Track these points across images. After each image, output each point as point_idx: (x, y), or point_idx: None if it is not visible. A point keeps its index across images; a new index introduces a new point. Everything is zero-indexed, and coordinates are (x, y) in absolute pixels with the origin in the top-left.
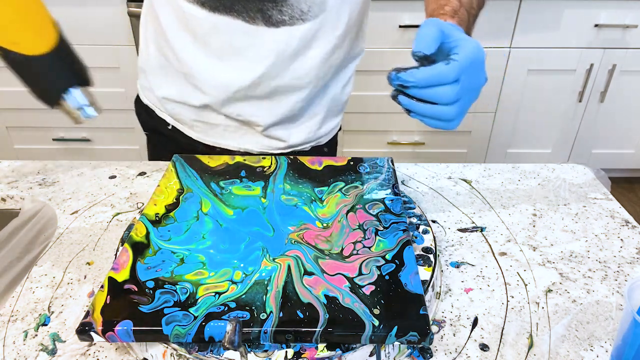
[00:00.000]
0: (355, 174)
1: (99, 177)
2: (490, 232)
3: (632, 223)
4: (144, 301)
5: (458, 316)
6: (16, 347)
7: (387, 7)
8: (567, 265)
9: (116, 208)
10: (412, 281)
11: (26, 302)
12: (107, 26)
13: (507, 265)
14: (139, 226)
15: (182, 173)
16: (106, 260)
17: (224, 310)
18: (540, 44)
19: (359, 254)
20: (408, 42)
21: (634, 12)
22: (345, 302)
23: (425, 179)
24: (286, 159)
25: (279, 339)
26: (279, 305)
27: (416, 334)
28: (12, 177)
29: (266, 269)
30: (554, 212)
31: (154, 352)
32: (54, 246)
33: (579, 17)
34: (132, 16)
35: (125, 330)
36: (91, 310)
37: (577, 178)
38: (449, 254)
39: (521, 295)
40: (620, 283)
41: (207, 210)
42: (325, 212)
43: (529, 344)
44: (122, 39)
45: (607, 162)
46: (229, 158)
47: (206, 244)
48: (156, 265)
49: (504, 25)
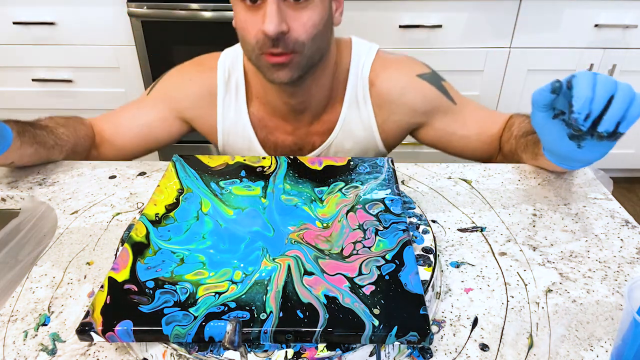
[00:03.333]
0: (355, 174)
1: (99, 177)
2: (490, 232)
3: (632, 223)
4: (144, 301)
5: (458, 316)
6: (16, 347)
7: (387, 7)
8: (567, 265)
9: (116, 208)
10: (412, 281)
11: (26, 302)
12: (107, 26)
13: (507, 265)
14: (139, 226)
15: (182, 173)
16: (106, 260)
17: (224, 310)
18: (540, 44)
19: (359, 254)
20: (408, 42)
21: (634, 12)
22: (345, 302)
23: (425, 179)
24: (286, 159)
25: (279, 339)
26: (279, 305)
27: (416, 334)
28: (12, 177)
29: (266, 269)
30: (553, 212)
31: (154, 352)
32: (54, 246)
33: (579, 17)
34: (132, 16)
35: (125, 330)
36: (91, 310)
37: (577, 178)
38: (449, 254)
39: (521, 295)
40: (620, 283)
41: (207, 210)
42: (325, 212)
43: (529, 344)
44: (122, 39)
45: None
46: (228, 158)
47: (206, 244)
48: (156, 265)
49: (504, 25)
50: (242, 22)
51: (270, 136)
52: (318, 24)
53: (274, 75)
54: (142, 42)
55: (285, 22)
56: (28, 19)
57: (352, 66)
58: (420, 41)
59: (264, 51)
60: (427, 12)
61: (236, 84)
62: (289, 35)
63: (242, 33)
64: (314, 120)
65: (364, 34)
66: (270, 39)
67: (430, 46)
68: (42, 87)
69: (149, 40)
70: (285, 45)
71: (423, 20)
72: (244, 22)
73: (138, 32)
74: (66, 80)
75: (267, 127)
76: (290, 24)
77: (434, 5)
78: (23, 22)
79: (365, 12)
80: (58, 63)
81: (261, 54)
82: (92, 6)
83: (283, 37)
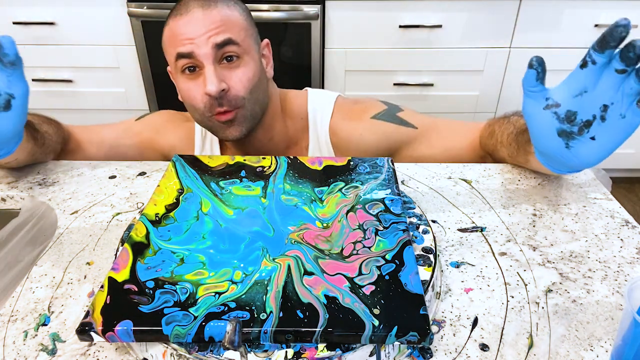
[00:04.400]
0: (355, 174)
1: (99, 177)
2: (490, 232)
3: (632, 223)
4: (144, 301)
5: (458, 316)
6: (16, 347)
7: (387, 7)
8: (567, 265)
9: (116, 208)
10: (412, 281)
11: (26, 302)
12: (107, 26)
13: (507, 265)
14: (139, 226)
15: (182, 173)
16: (106, 260)
17: (224, 310)
18: (540, 44)
19: (359, 254)
20: (408, 42)
21: (634, 12)
22: (345, 302)
23: (425, 179)
24: (286, 159)
25: (279, 339)
26: (279, 305)
27: (416, 334)
28: (12, 177)
29: (266, 269)
30: (553, 212)
31: (154, 352)
32: (54, 246)
33: (579, 17)
34: (132, 16)
35: (125, 330)
36: (91, 310)
37: (577, 178)
38: (449, 254)
39: (521, 295)
40: (620, 283)
41: (207, 210)
42: (325, 212)
43: (529, 344)
44: (122, 39)
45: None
46: (228, 158)
47: (206, 244)
48: (156, 265)
49: (504, 25)
50: (186, 91)
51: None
52: (252, 77)
53: (226, 133)
54: (142, 42)
55: (224, 81)
56: (28, 19)
57: (310, 117)
58: (420, 41)
59: (212, 112)
60: (427, 12)
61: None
62: (229, 92)
63: (190, 101)
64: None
65: (364, 34)
66: (214, 98)
67: (430, 46)
68: (42, 87)
69: (149, 40)
70: (228, 102)
71: (423, 20)
72: (188, 91)
73: (138, 32)
74: (66, 80)
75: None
76: (228, 83)
77: (434, 5)
78: (23, 22)
79: (365, 12)
80: (58, 63)
81: (211, 116)
82: (92, 6)
83: (225, 94)
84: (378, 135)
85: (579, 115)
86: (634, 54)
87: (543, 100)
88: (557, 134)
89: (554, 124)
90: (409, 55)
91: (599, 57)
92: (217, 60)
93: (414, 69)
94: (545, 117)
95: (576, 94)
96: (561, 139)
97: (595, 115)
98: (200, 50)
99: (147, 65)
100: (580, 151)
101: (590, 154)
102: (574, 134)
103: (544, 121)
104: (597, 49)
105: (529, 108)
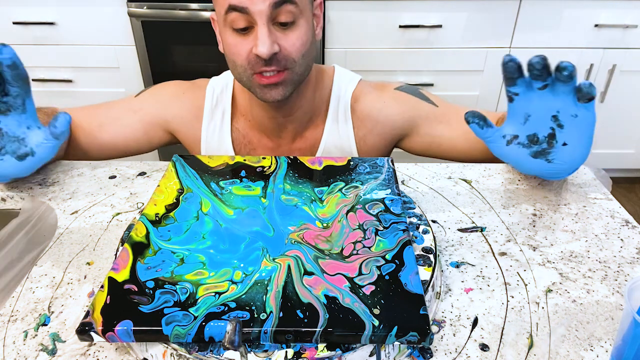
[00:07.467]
0: (355, 174)
1: (99, 177)
2: (490, 232)
3: (632, 223)
4: (144, 301)
5: (458, 316)
6: (16, 347)
7: (387, 7)
8: (567, 265)
9: (116, 208)
10: (412, 281)
11: (26, 302)
12: (107, 26)
13: (507, 265)
14: (139, 226)
15: (182, 173)
16: (106, 260)
17: (224, 310)
18: (540, 44)
19: (359, 254)
20: (408, 42)
21: (634, 12)
22: (345, 302)
23: (425, 179)
24: (286, 159)
25: (279, 339)
26: (279, 305)
27: (416, 334)
28: None
29: (266, 269)
30: (554, 212)
31: (154, 352)
32: (54, 246)
33: (579, 17)
34: (132, 16)
35: (125, 330)
36: (91, 310)
37: (577, 178)
38: (449, 254)
39: (521, 295)
40: (620, 283)
41: (207, 210)
42: (325, 212)
43: (529, 344)
44: (122, 39)
45: (607, 162)
46: (229, 158)
47: (206, 244)
48: (156, 265)
49: (504, 25)
50: (232, 46)
51: (252, 154)
52: (306, 42)
53: (267, 95)
54: (142, 42)
55: (276, 44)
56: (28, 19)
57: (334, 89)
58: (420, 41)
59: (255, 71)
60: (427, 12)
61: (222, 110)
62: (279, 54)
63: (233, 57)
64: (297, 137)
65: (364, 34)
66: (263, 59)
67: (430, 46)
68: (42, 87)
69: (149, 40)
70: (277, 62)
71: (423, 20)
72: (234, 47)
73: (138, 32)
74: (66, 80)
75: (251, 143)
76: (281, 45)
77: (434, 5)
78: (23, 22)
79: (365, 12)
80: (58, 63)
81: (253, 75)
82: (92, 6)
83: (275, 55)
84: (400, 104)
85: (539, 133)
86: (538, 70)
87: (502, 139)
88: (533, 157)
89: (525, 152)
90: (409, 55)
91: (515, 89)
92: (271, 20)
93: (414, 68)
94: (513, 150)
95: (524, 121)
96: (540, 159)
97: (552, 127)
98: (256, 7)
99: (147, 65)
100: (562, 158)
101: (572, 156)
102: (547, 149)
103: (515, 154)
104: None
105: (497, 150)
